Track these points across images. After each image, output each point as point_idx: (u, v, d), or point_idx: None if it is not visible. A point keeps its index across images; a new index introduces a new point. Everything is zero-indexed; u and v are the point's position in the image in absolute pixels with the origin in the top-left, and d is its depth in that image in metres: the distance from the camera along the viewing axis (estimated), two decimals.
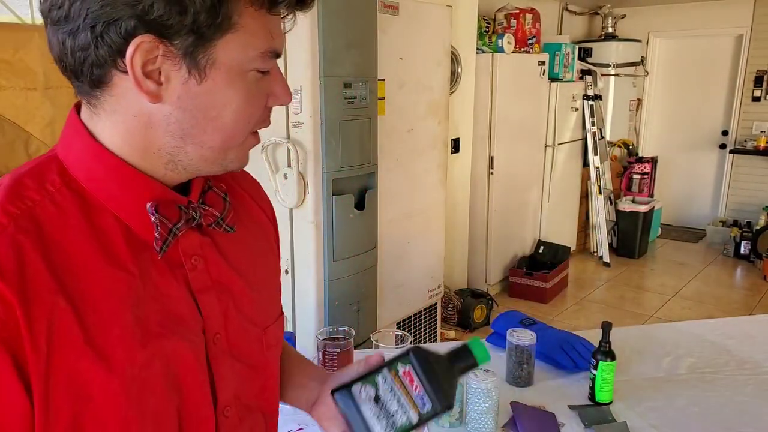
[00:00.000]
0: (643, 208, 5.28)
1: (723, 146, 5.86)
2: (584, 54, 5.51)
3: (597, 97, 5.16)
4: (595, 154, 5.07)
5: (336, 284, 2.55)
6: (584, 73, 5.19)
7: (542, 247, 4.70)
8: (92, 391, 0.54)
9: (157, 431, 0.60)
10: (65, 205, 0.57)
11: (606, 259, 5.15)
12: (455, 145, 3.85)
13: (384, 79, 2.78)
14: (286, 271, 2.61)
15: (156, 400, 0.59)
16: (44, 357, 0.52)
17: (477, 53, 3.94)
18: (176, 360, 0.61)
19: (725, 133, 5.84)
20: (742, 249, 5.24)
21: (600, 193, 5.10)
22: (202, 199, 0.65)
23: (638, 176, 5.72)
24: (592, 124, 5.07)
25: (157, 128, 0.58)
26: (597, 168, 5.09)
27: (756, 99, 5.55)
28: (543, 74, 4.49)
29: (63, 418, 0.53)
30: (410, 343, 1.50)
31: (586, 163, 5.21)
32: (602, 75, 5.39)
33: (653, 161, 5.78)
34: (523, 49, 4.30)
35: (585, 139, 5.13)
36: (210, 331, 0.65)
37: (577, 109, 5.00)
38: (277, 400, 0.79)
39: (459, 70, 3.73)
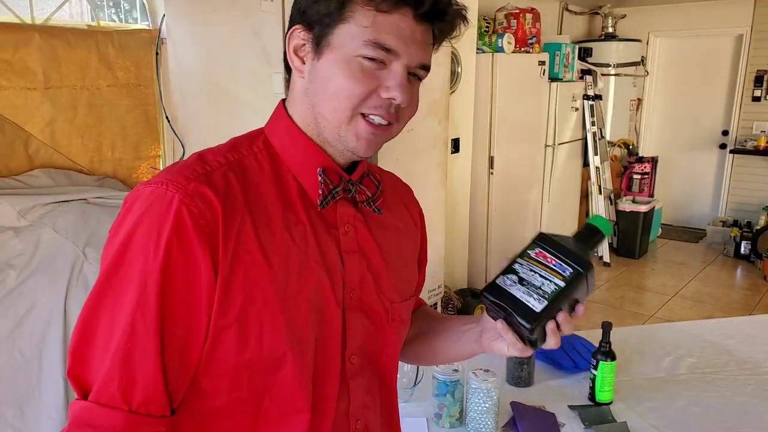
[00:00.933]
0: (643, 208, 5.28)
1: (723, 146, 5.86)
2: (584, 54, 5.51)
3: (597, 97, 5.16)
4: (596, 153, 5.07)
5: None
6: (584, 72, 5.19)
7: None
8: (257, 294, 0.69)
9: (300, 347, 0.72)
10: (263, 162, 0.76)
11: (606, 259, 5.15)
12: (455, 145, 3.85)
13: None
14: None
15: (301, 318, 0.72)
16: (230, 255, 0.68)
17: (477, 53, 3.94)
18: (322, 292, 0.74)
19: (725, 133, 5.83)
20: (743, 249, 5.24)
21: (600, 192, 5.10)
22: (360, 180, 0.80)
23: (638, 176, 5.72)
24: (593, 123, 5.07)
25: (305, 99, 0.76)
26: (597, 168, 5.09)
27: (756, 99, 5.55)
28: (543, 74, 4.49)
29: (235, 307, 0.68)
30: None
31: (586, 163, 5.21)
32: (602, 75, 5.39)
33: (653, 161, 5.78)
34: (523, 49, 4.29)
35: (585, 139, 5.12)
36: (348, 284, 0.78)
37: (577, 109, 5.00)
38: (394, 365, 0.87)
39: (459, 70, 3.73)
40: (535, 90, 4.49)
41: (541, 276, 0.76)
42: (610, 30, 5.78)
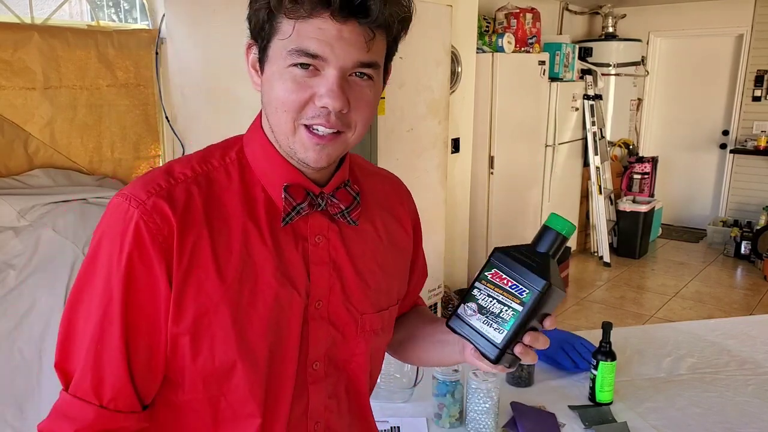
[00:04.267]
0: (643, 208, 5.27)
1: (723, 146, 5.86)
2: (584, 54, 5.50)
3: (597, 97, 5.16)
4: (596, 153, 5.07)
5: None
6: (584, 72, 5.19)
7: None
8: (209, 306, 0.72)
9: (251, 358, 0.74)
10: (232, 174, 0.77)
11: (606, 259, 5.15)
12: (455, 145, 3.85)
13: None
14: None
15: (254, 329, 0.74)
16: (184, 268, 0.71)
17: (477, 53, 3.94)
18: (279, 304, 0.76)
19: (726, 132, 5.83)
20: (743, 249, 5.24)
21: (600, 192, 5.10)
22: (333, 193, 0.80)
23: (638, 176, 5.72)
24: (593, 123, 5.06)
25: (264, 114, 0.77)
26: (597, 168, 5.08)
27: (756, 99, 5.55)
28: (543, 74, 4.49)
29: (187, 318, 0.72)
30: None
31: (586, 163, 5.20)
32: (602, 75, 5.38)
33: (653, 161, 5.77)
34: (523, 49, 4.29)
35: (585, 139, 5.12)
36: (314, 296, 0.79)
37: (577, 109, 5.00)
38: (364, 373, 0.88)
39: (459, 70, 3.72)
40: (535, 90, 4.49)
41: (498, 302, 0.73)
42: (611, 30, 5.78)
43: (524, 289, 0.72)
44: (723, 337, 1.82)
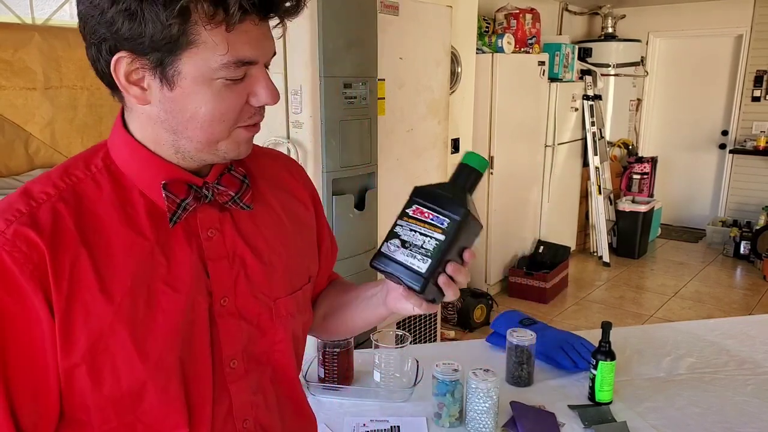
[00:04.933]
0: (642, 208, 5.28)
1: (723, 146, 5.86)
2: (584, 54, 5.51)
3: (597, 97, 5.16)
4: (595, 154, 5.07)
5: None
6: (584, 73, 5.19)
7: (542, 247, 4.70)
8: (103, 329, 0.67)
9: (161, 374, 0.70)
10: (102, 183, 0.71)
11: (606, 259, 5.15)
12: (455, 145, 3.85)
13: (384, 79, 2.78)
14: None
15: (158, 344, 0.70)
16: (65, 294, 0.65)
17: (477, 53, 3.94)
18: (179, 309, 0.71)
19: (725, 133, 5.84)
20: (742, 249, 5.24)
21: (600, 193, 5.10)
22: (218, 181, 0.76)
23: (638, 176, 5.72)
24: (592, 124, 5.07)
25: (156, 124, 0.70)
26: (597, 168, 5.09)
27: (756, 99, 5.55)
28: (543, 74, 4.49)
29: (79, 346, 0.66)
30: (410, 342, 1.50)
31: (586, 163, 5.21)
32: (602, 75, 5.39)
33: (653, 161, 5.78)
34: (523, 49, 4.29)
35: (585, 139, 5.13)
36: (217, 294, 0.75)
37: (577, 109, 5.00)
38: (289, 359, 0.85)
39: (459, 70, 3.73)
40: (534, 90, 4.49)
41: (421, 234, 0.76)
42: (610, 30, 5.78)
43: (444, 219, 0.75)
44: (722, 337, 1.82)
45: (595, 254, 5.31)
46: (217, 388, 0.77)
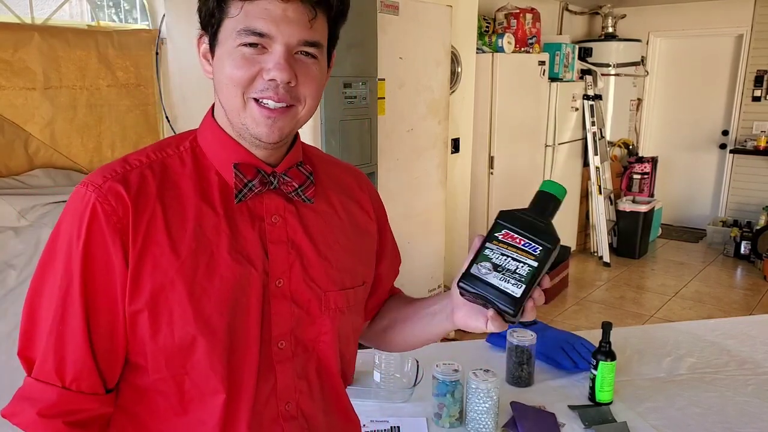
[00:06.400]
0: (643, 208, 5.28)
1: (723, 146, 5.86)
2: (584, 54, 5.51)
3: (597, 97, 5.16)
4: (595, 153, 5.07)
5: None
6: (584, 72, 5.19)
7: None
8: (165, 281, 0.74)
9: (209, 332, 0.75)
10: (186, 160, 0.81)
11: (606, 259, 5.15)
12: (455, 145, 3.85)
13: (384, 79, 2.78)
14: None
15: (210, 304, 0.75)
16: (139, 246, 0.73)
17: (477, 53, 3.94)
18: (236, 280, 0.77)
19: (725, 133, 5.83)
20: (743, 249, 5.24)
21: (600, 193, 5.10)
22: (285, 172, 0.82)
23: (638, 176, 5.72)
24: (592, 123, 5.07)
25: (217, 98, 0.81)
26: (597, 168, 5.08)
27: (756, 99, 5.55)
28: (543, 74, 4.49)
29: (144, 293, 0.73)
30: None
31: (586, 163, 5.21)
32: (602, 75, 5.38)
33: (653, 161, 5.78)
34: (523, 49, 4.29)
35: (585, 139, 5.12)
36: (273, 275, 0.81)
37: (577, 109, 5.00)
38: (333, 352, 0.87)
39: (459, 70, 3.72)
40: (535, 90, 4.49)
41: (513, 259, 0.77)
42: (610, 30, 5.78)
43: (537, 246, 0.77)
44: (723, 337, 1.82)
45: (596, 254, 5.31)
46: (263, 366, 0.80)
